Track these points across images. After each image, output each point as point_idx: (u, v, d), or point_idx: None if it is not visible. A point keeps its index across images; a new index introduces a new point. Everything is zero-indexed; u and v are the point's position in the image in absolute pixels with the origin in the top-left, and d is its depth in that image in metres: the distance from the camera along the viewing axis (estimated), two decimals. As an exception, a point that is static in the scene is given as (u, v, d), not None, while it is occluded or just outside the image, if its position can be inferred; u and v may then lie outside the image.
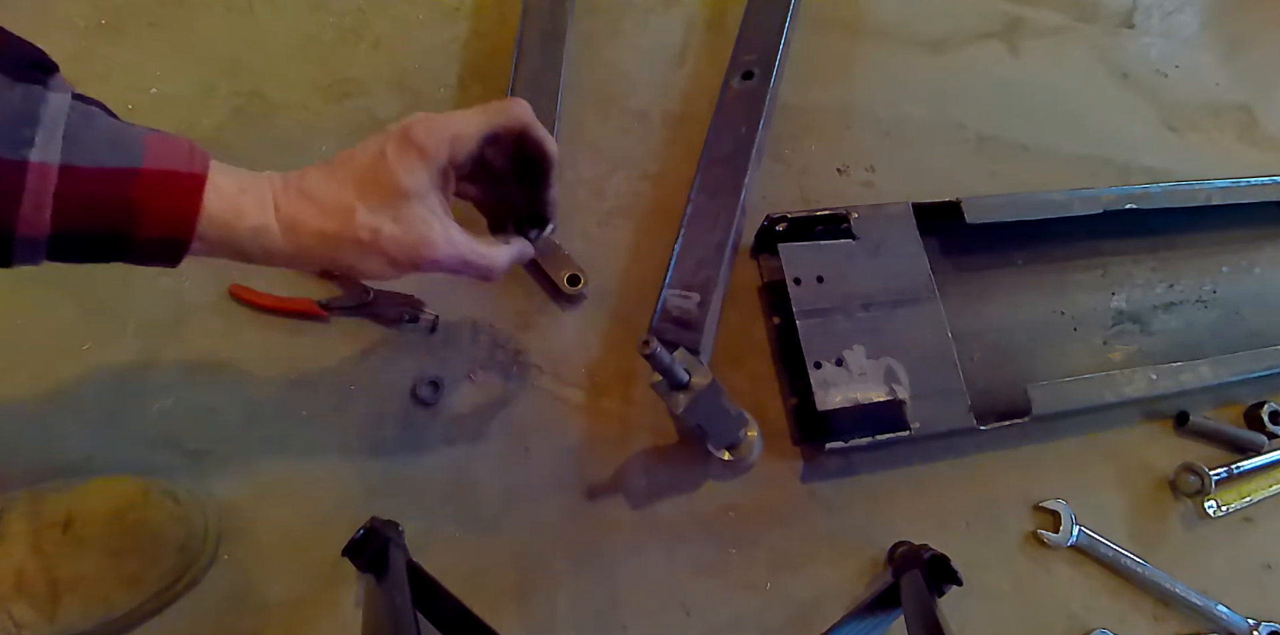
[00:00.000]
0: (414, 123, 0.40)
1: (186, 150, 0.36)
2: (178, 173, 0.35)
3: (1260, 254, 0.83)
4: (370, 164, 0.39)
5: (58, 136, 0.32)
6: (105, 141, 0.33)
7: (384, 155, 0.39)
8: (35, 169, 0.31)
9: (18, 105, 0.31)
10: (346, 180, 0.39)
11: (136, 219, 0.34)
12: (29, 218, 0.32)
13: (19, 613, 0.46)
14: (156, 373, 0.58)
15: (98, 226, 0.34)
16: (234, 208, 0.37)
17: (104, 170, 0.33)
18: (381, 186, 0.39)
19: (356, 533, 0.50)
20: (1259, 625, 0.67)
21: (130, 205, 0.34)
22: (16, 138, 0.31)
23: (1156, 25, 0.95)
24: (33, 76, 0.33)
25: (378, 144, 0.40)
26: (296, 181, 0.39)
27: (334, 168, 0.40)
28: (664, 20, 0.80)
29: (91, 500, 0.50)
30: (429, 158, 0.40)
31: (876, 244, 0.65)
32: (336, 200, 0.39)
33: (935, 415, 0.61)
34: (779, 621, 0.60)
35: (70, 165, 0.32)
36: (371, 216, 0.39)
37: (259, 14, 0.71)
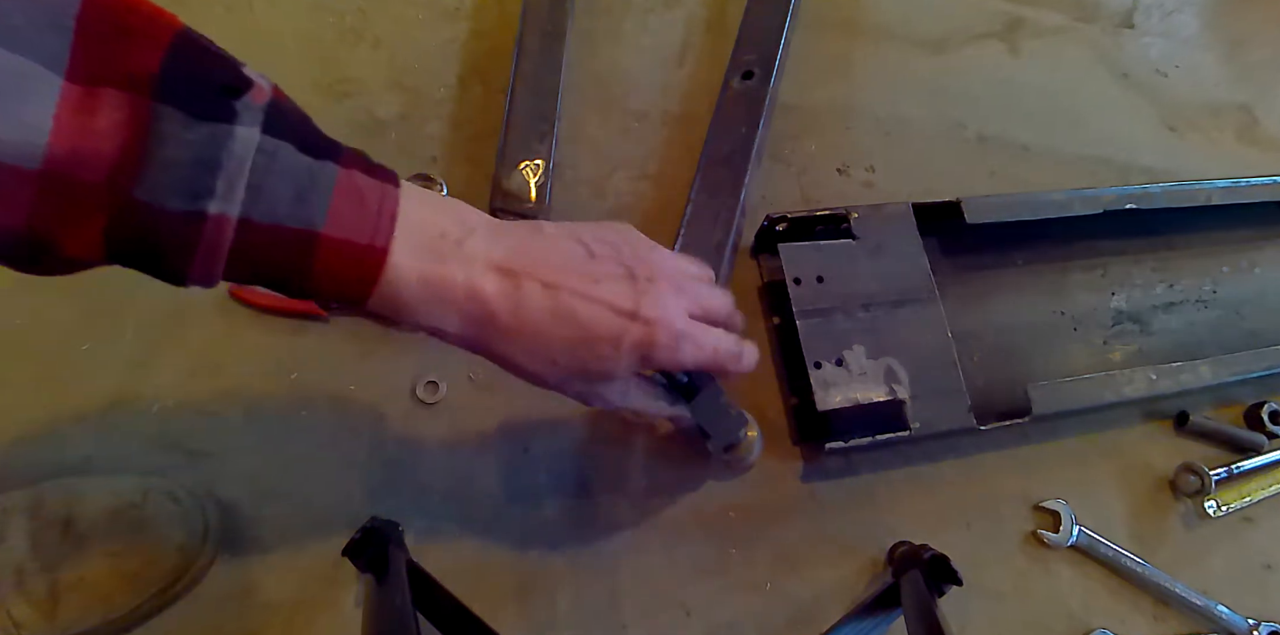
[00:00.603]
0: (658, 333, 0.37)
1: (375, 207, 0.32)
2: (356, 245, 0.32)
3: (1260, 254, 0.83)
4: (596, 340, 0.36)
5: (240, 184, 0.29)
6: (289, 193, 0.30)
7: (616, 343, 0.37)
8: (213, 221, 0.29)
9: (199, 149, 0.28)
10: (565, 333, 0.36)
11: (311, 278, 0.32)
12: (202, 266, 0.30)
13: (18, 612, 0.46)
14: (156, 373, 0.58)
15: (270, 277, 0.32)
16: (413, 299, 0.34)
17: (282, 229, 0.30)
18: (598, 368, 0.38)
19: (356, 533, 0.50)
20: (1259, 625, 0.67)
21: (307, 267, 0.31)
22: (196, 187, 0.28)
23: (1156, 25, 0.95)
24: (221, 108, 0.29)
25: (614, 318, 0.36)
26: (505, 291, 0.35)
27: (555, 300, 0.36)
28: (664, 20, 0.80)
29: (91, 500, 0.50)
30: (649, 365, 0.39)
31: (876, 244, 0.65)
32: (544, 347, 0.36)
33: (935, 415, 0.61)
34: (779, 621, 0.60)
35: (249, 219, 0.29)
36: (569, 377, 0.38)
37: (259, 13, 0.71)
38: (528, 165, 0.66)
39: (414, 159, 0.68)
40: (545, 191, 0.65)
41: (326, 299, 0.33)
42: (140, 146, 0.27)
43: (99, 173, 0.27)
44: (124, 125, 0.27)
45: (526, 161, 0.66)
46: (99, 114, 0.26)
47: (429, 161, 0.68)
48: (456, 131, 0.70)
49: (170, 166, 0.28)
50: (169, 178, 0.28)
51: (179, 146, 0.28)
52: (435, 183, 0.64)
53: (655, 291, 0.38)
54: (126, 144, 0.27)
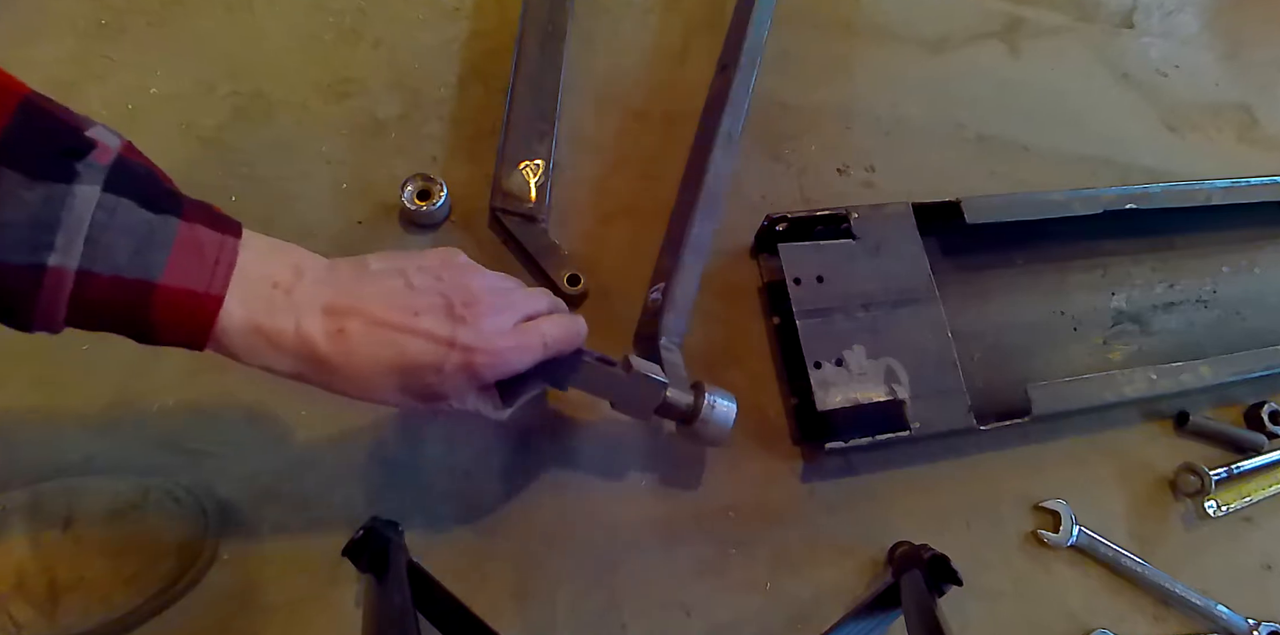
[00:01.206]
0: (475, 353, 0.40)
1: (213, 259, 0.34)
2: (193, 293, 0.34)
3: (1260, 254, 0.83)
4: (420, 368, 0.39)
5: (79, 240, 0.31)
6: (128, 246, 0.32)
7: (438, 369, 0.39)
8: (53, 273, 0.30)
9: (37, 209, 0.30)
10: (390, 366, 0.38)
11: (150, 327, 0.34)
12: (44, 316, 0.32)
13: (19, 613, 0.46)
14: (156, 373, 0.58)
15: (112, 326, 0.34)
16: (248, 344, 0.36)
17: (121, 280, 0.32)
18: (427, 393, 0.40)
19: (356, 533, 0.50)
20: (1259, 625, 0.67)
21: (145, 315, 0.33)
22: (35, 242, 0.30)
23: (1156, 25, 0.95)
24: (60, 168, 0.30)
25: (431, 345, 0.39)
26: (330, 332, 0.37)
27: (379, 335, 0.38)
28: (664, 20, 0.80)
29: (91, 500, 0.50)
30: (479, 384, 0.42)
31: (876, 244, 0.65)
32: (374, 380, 0.39)
33: (935, 415, 0.61)
34: (779, 621, 0.60)
35: (88, 271, 0.31)
36: (406, 401, 0.41)
37: (259, 14, 0.71)
38: (528, 165, 0.66)
39: (414, 159, 0.68)
40: (545, 191, 0.65)
41: (168, 345, 0.35)
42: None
43: None
44: None
45: (526, 161, 0.66)
46: None
47: (429, 161, 0.68)
48: (456, 131, 0.70)
49: (9, 225, 0.29)
50: (9, 235, 0.29)
51: (17, 206, 0.29)
52: (435, 183, 0.64)
53: (473, 315, 0.40)
54: None
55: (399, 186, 0.63)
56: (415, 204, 0.63)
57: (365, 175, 0.66)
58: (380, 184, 0.65)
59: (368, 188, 0.66)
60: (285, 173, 0.65)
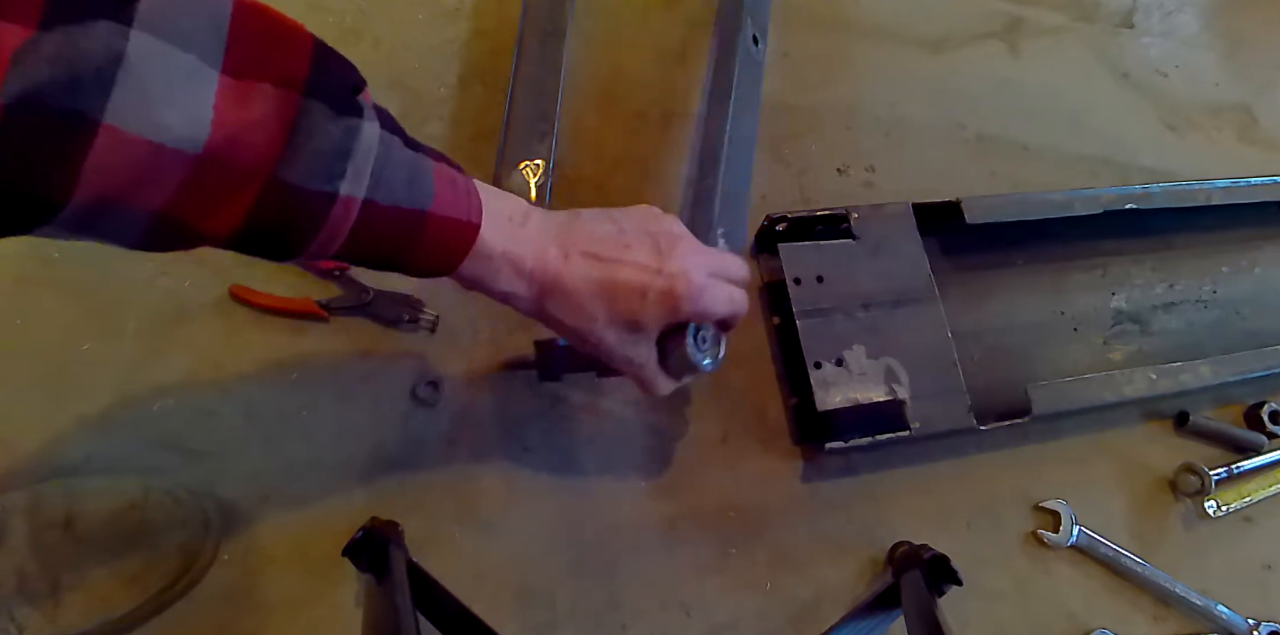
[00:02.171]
0: (680, 284, 0.43)
1: (465, 191, 0.38)
2: (457, 221, 0.37)
3: (1260, 254, 0.83)
4: (628, 292, 0.42)
5: (367, 170, 0.33)
6: (404, 178, 0.35)
7: (643, 295, 0.43)
8: (342, 202, 0.33)
9: (338, 140, 0.32)
10: (602, 292, 0.42)
11: (412, 253, 0.37)
12: (323, 243, 0.34)
13: (20, 613, 0.46)
14: (156, 373, 0.58)
15: (375, 254, 0.36)
16: (493, 269, 0.40)
17: (399, 210, 0.35)
18: (629, 319, 0.43)
19: (356, 533, 0.50)
20: (1259, 625, 0.67)
21: (411, 243, 0.36)
22: (332, 171, 0.32)
23: (1156, 25, 0.96)
24: (352, 105, 0.33)
25: (642, 272, 0.43)
26: (557, 264, 0.42)
27: (596, 268, 0.42)
28: (664, 20, 0.80)
29: (91, 500, 0.50)
30: (676, 317, 0.44)
31: (876, 244, 0.65)
32: (586, 304, 0.42)
33: (935, 415, 0.61)
34: (779, 621, 0.60)
35: (372, 201, 0.34)
36: (606, 330, 0.43)
37: (259, 14, 0.71)
38: (528, 165, 0.66)
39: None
40: (545, 191, 0.65)
41: (416, 272, 0.38)
42: (289, 136, 0.30)
43: (253, 157, 0.30)
44: (275, 116, 0.30)
45: (526, 161, 0.66)
46: (252, 105, 0.29)
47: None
48: (456, 131, 0.70)
49: (316, 154, 0.31)
50: (312, 163, 0.31)
51: (323, 137, 0.31)
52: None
53: (677, 253, 0.44)
54: (279, 132, 0.30)
55: (399, 186, 0.63)
56: None
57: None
58: (380, 184, 0.65)
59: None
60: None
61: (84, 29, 0.25)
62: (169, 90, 0.27)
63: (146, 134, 0.27)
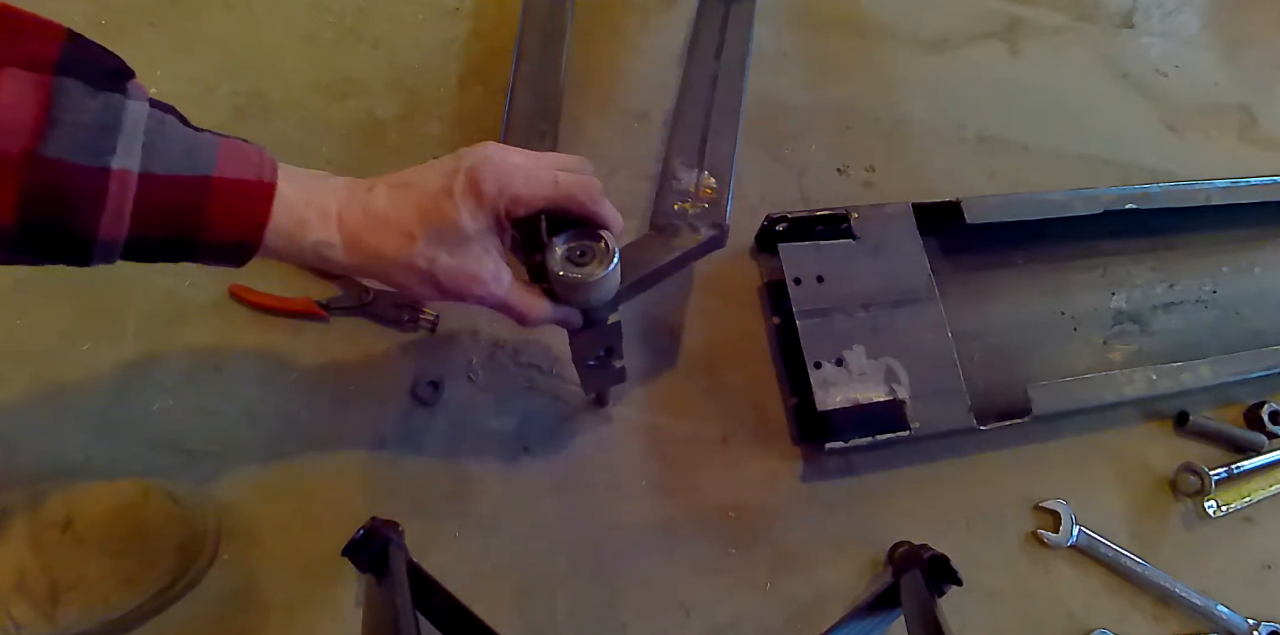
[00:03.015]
0: (482, 168, 0.41)
1: (256, 159, 0.37)
2: (247, 181, 0.36)
3: (1260, 254, 0.83)
4: (435, 196, 0.40)
5: (137, 144, 0.33)
6: (181, 149, 0.35)
7: (449, 193, 0.40)
8: (117, 176, 0.32)
9: (99, 113, 0.32)
10: (410, 206, 0.40)
11: (207, 224, 0.36)
12: (110, 223, 0.33)
13: (19, 613, 0.46)
14: (156, 373, 0.58)
15: (171, 230, 0.35)
16: (299, 220, 0.38)
17: (179, 178, 0.34)
18: (444, 221, 0.40)
19: (356, 533, 0.50)
20: (1259, 625, 0.67)
21: (202, 211, 0.35)
22: (99, 146, 0.32)
23: (1156, 25, 0.96)
24: (113, 84, 0.33)
25: (444, 176, 0.41)
26: (362, 198, 0.40)
27: (400, 190, 0.41)
28: (664, 20, 0.80)
29: (91, 500, 0.50)
30: (488, 206, 0.41)
31: (876, 244, 0.65)
32: (399, 225, 0.40)
33: (935, 415, 0.61)
34: (779, 621, 0.60)
35: (149, 173, 0.33)
36: (429, 246, 0.40)
37: (259, 14, 0.71)
38: (528, 165, 0.66)
39: (414, 159, 0.66)
40: (545, 191, 0.65)
41: (219, 250, 0.37)
42: (46, 114, 0.30)
43: (10, 139, 0.30)
44: (29, 96, 0.30)
45: (526, 161, 0.66)
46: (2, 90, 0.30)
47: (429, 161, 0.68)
48: (456, 131, 0.70)
49: (76, 128, 0.31)
50: (76, 138, 0.31)
51: (82, 111, 0.31)
52: (435, 183, 0.64)
53: (477, 151, 0.42)
54: (33, 113, 0.30)
55: (399, 186, 0.63)
56: None
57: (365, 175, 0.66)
58: (380, 184, 0.65)
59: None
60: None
61: None
62: None
63: None
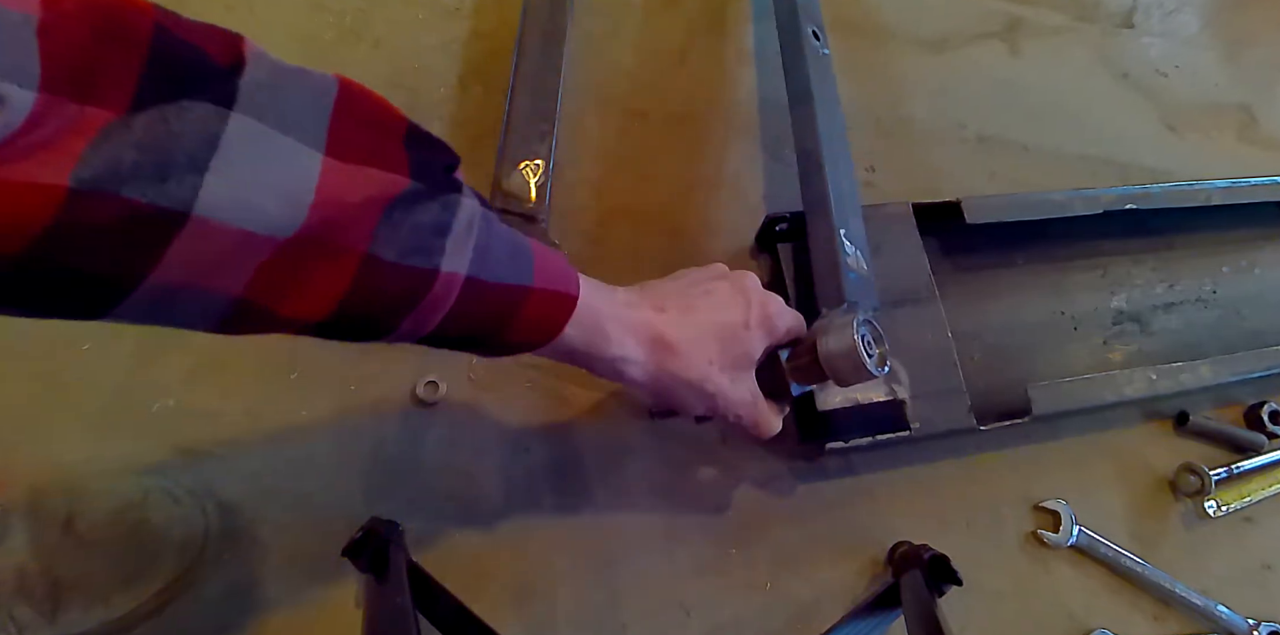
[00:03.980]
0: (771, 306, 0.46)
1: (563, 267, 0.38)
2: (559, 294, 0.37)
3: (1260, 254, 0.83)
4: (735, 328, 0.44)
5: (469, 247, 0.33)
6: (506, 254, 0.35)
7: (747, 326, 0.44)
8: (444, 279, 0.32)
9: (437, 216, 0.31)
10: (710, 336, 0.43)
11: (508, 330, 0.36)
12: (420, 320, 0.33)
13: (19, 613, 0.46)
14: (156, 373, 0.58)
15: (475, 332, 0.36)
16: (603, 334, 0.40)
17: (504, 286, 0.35)
18: (741, 352, 0.44)
19: (356, 533, 0.50)
20: (1259, 625, 0.67)
21: (508, 319, 0.36)
22: (432, 247, 0.31)
23: (1156, 25, 0.96)
24: (450, 182, 0.32)
25: (740, 308, 0.45)
26: (658, 320, 0.42)
27: (691, 316, 0.44)
28: (664, 20, 0.80)
29: (91, 500, 0.50)
30: (773, 339, 0.46)
31: (876, 244, 0.65)
32: (702, 352, 0.43)
33: (935, 415, 0.61)
34: (779, 621, 0.60)
35: (476, 278, 0.33)
36: (722, 377, 0.44)
37: (259, 13, 0.71)
38: (528, 165, 0.66)
39: (414, 159, 0.68)
40: (545, 191, 0.65)
41: (505, 347, 0.38)
42: (388, 214, 0.30)
43: (347, 238, 0.29)
44: (376, 198, 0.29)
45: (526, 161, 0.66)
46: (354, 188, 0.29)
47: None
48: (456, 131, 0.70)
49: (413, 230, 0.31)
50: (411, 240, 0.30)
51: (423, 213, 0.31)
52: (435, 183, 0.64)
53: (746, 283, 0.47)
54: (378, 212, 0.29)
55: (399, 186, 0.63)
56: None
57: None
58: (380, 184, 0.65)
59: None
60: (285, 173, 0.65)
61: (179, 110, 0.23)
62: (269, 175, 0.26)
63: (238, 222, 0.25)
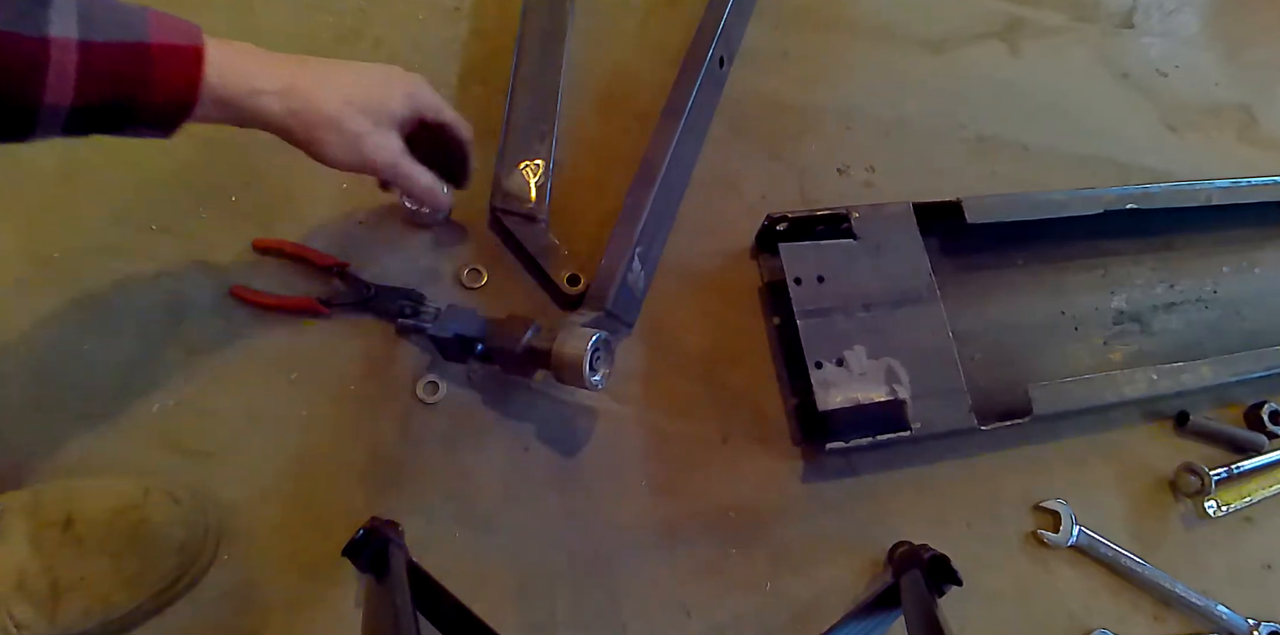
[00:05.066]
0: (420, 81, 0.52)
1: (183, 26, 0.41)
2: (181, 46, 0.40)
3: (1260, 254, 0.83)
4: (382, 83, 0.49)
5: (72, 15, 0.35)
6: (113, 21, 0.37)
7: (387, 84, 0.49)
8: (57, 44, 0.35)
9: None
10: (356, 83, 0.47)
11: (149, 88, 0.39)
12: (55, 89, 0.35)
13: (19, 613, 0.46)
14: (156, 373, 0.58)
15: (113, 96, 0.38)
16: (240, 70, 0.42)
17: (121, 44, 0.37)
18: (377, 106, 0.48)
19: (356, 533, 0.50)
20: (1259, 625, 0.67)
21: (145, 75, 0.38)
22: (35, 15, 0.34)
23: (1156, 25, 0.96)
24: None
25: (391, 73, 0.50)
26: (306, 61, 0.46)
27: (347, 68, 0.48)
28: (664, 20, 0.80)
29: (91, 500, 0.50)
30: (414, 106, 0.51)
31: (877, 244, 0.65)
32: (343, 91, 0.46)
33: (936, 415, 0.61)
34: (779, 621, 0.60)
35: (89, 40, 0.36)
36: (364, 119, 0.47)
37: (259, 13, 0.71)
38: (528, 165, 0.66)
39: (414, 159, 0.68)
40: (545, 191, 0.65)
41: (162, 111, 0.40)
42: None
43: None
44: None
45: (526, 161, 0.66)
46: None
47: None
48: (456, 131, 0.70)
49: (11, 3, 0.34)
50: (11, 11, 0.34)
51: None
52: (435, 183, 0.64)
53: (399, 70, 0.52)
54: None
55: (399, 186, 0.63)
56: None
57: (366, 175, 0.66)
58: (380, 184, 0.65)
59: (368, 188, 0.66)
60: (285, 173, 0.65)
61: None
62: None
63: None
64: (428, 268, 0.65)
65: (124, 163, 0.63)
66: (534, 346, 0.55)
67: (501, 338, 0.56)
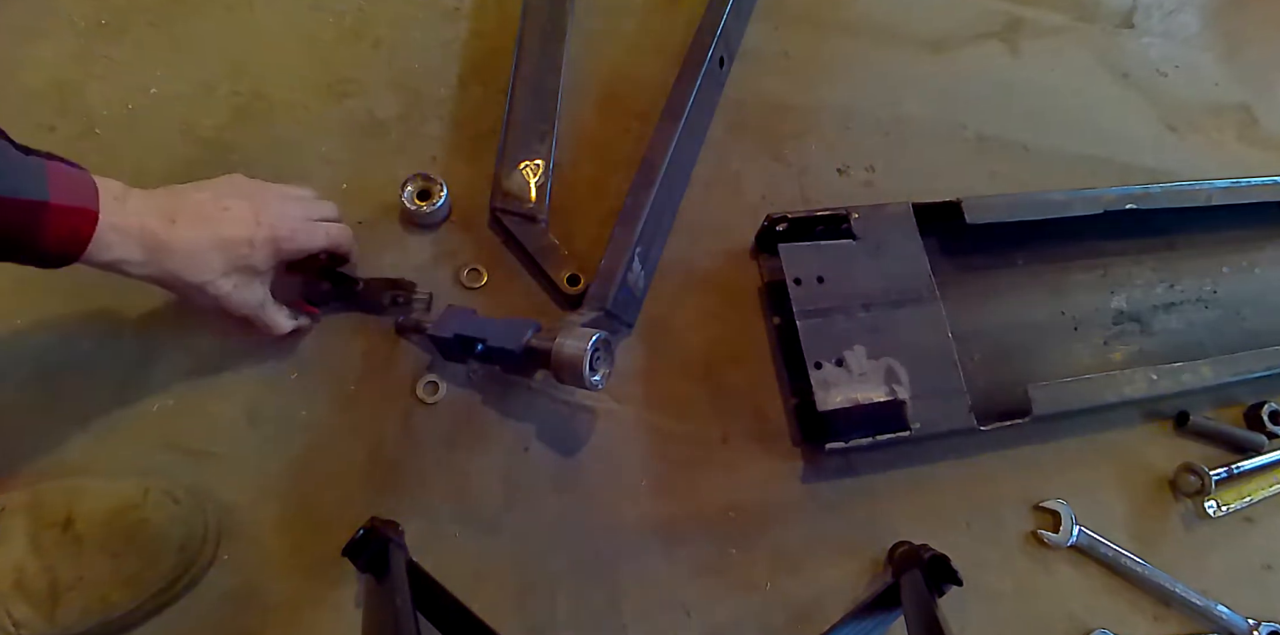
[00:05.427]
0: (279, 226, 0.52)
1: (80, 183, 0.43)
2: (78, 210, 0.43)
3: (1260, 254, 0.83)
4: (237, 243, 0.50)
5: None
6: (16, 174, 0.40)
7: (252, 244, 0.50)
8: None
9: None
10: (213, 246, 0.49)
11: (40, 243, 0.42)
12: None
13: (18, 612, 0.46)
14: (156, 373, 0.58)
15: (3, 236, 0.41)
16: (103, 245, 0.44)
17: (17, 200, 0.40)
18: (242, 266, 0.51)
19: (356, 533, 0.50)
20: (1259, 625, 0.67)
21: (37, 231, 0.41)
22: None
23: (1156, 25, 0.96)
24: None
25: (245, 225, 0.50)
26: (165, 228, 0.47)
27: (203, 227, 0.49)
28: (664, 20, 0.80)
29: (91, 500, 0.50)
30: (279, 257, 0.52)
31: (877, 244, 0.65)
32: (203, 259, 0.49)
33: (936, 415, 0.61)
34: (779, 621, 0.60)
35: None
36: (226, 282, 0.50)
37: (259, 14, 0.71)
38: (528, 165, 0.66)
39: (414, 159, 0.68)
40: (545, 191, 0.65)
41: (49, 259, 0.43)
42: None
43: None
44: None
45: (526, 161, 0.66)
46: None
47: (429, 161, 0.68)
48: (456, 131, 0.70)
49: None
50: None
51: None
52: (435, 182, 0.64)
53: (269, 207, 0.52)
54: None
55: (399, 186, 0.63)
56: (415, 204, 0.63)
57: (365, 175, 0.66)
58: (380, 184, 0.65)
59: (368, 188, 0.66)
60: (285, 173, 0.65)
61: None
62: None
63: None
64: (428, 268, 0.65)
65: (122, 163, 0.63)
66: (534, 346, 0.55)
67: (501, 338, 0.55)
